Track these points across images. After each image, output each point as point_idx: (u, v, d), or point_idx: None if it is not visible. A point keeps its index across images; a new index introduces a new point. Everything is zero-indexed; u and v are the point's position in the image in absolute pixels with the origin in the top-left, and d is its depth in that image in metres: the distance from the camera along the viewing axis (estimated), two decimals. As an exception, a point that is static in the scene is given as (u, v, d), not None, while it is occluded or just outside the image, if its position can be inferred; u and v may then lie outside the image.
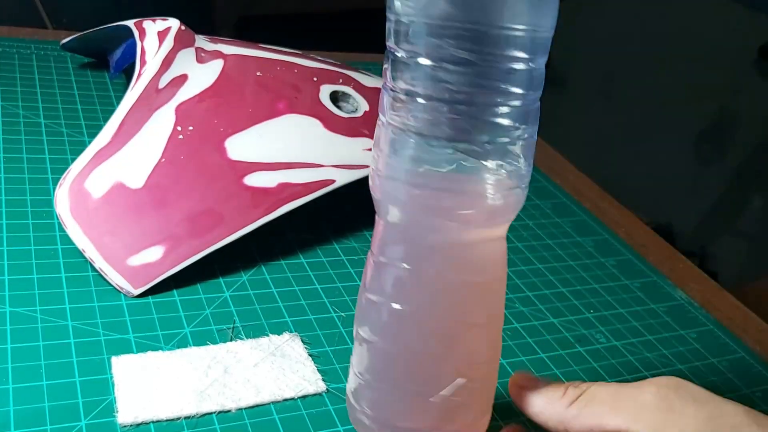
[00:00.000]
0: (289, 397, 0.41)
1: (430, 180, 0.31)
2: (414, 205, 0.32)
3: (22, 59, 0.74)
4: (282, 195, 0.52)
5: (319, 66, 0.61)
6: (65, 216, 0.48)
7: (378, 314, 0.34)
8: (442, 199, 0.31)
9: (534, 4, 0.29)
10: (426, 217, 0.32)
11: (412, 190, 0.31)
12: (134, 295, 0.47)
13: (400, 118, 0.31)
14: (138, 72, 0.54)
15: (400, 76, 0.31)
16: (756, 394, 0.49)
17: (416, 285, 0.33)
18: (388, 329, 0.34)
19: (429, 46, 0.29)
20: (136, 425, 0.38)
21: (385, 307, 0.33)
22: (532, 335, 0.50)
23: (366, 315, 0.35)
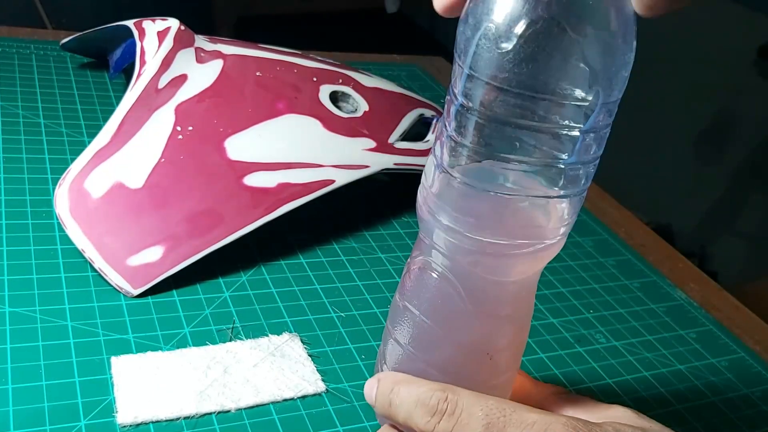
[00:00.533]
0: (289, 397, 0.41)
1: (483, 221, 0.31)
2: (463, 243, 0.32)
3: (22, 59, 0.74)
4: (282, 195, 0.52)
5: (318, 66, 0.61)
6: (65, 216, 0.48)
7: (411, 322, 0.35)
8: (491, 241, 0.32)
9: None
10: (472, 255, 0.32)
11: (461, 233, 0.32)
12: (134, 295, 0.47)
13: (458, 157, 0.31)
14: (137, 72, 0.54)
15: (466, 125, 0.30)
16: (756, 394, 0.49)
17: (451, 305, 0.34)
18: (419, 338, 0.34)
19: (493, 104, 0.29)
20: (135, 425, 0.38)
21: (418, 319, 0.34)
22: (532, 335, 0.50)
23: (399, 319, 0.35)
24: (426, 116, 0.63)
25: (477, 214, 0.31)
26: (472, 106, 0.29)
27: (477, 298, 0.33)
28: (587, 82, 0.28)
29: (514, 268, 0.33)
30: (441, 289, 0.34)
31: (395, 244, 0.58)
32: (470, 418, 0.32)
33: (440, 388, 0.33)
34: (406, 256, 0.56)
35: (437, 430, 0.32)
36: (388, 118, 0.60)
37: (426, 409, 0.33)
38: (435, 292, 0.34)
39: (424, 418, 0.33)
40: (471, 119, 0.30)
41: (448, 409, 0.32)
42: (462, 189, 0.31)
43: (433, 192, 0.32)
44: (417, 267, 0.35)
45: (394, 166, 0.57)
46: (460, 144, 0.30)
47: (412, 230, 0.60)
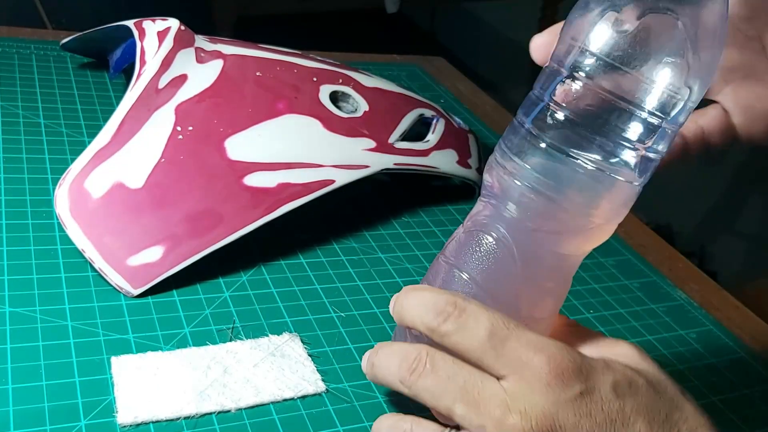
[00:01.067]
0: (289, 397, 0.41)
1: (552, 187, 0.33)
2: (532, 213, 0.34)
3: (22, 59, 0.74)
4: (282, 195, 0.52)
5: (318, 66, 0.61)
6: (65, 216, 0.48)
7: (456, 281, 0.36)
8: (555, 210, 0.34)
9: None
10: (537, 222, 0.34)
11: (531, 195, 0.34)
12: (134, 295, 0.47)
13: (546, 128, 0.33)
14: (138, 72, 0.54)
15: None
16: (755, 393, 0.49)
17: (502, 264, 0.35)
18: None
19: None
20: (135, 425, 0.38)
21: (466, 278, 0.36)
22: (531, 335, 0.50)
23: (443, 277, 0.37)
24: (426, 116, 0.63)
25: (558, 179, 0.33)
26: (580, 78, 0.32)
27: (530, 265, 0.35)
28: (684, 75, 0.31)
29: (572, 241, 0.35)
30: (497, 251, 0.35)
31: (395, 244, 0.58)
32: (476, 323, 0.33)
33: (451, 293, 0.34)
34: (406, 256, 0.56)
35: (442, 329, 0.33)
36: (388, 118, 0.60)
37: (434, 310, 0.34)
38: (490, 253, 0.35)
39: (429, 316, 0.34)
40: (574, 89, 0.32)
41: (455, 312, 0.33)
42: (548, 152, 0.33)
43: (516, 154, 0.34)
44: (472, 229, 0.36)
45: (394, 166, 0.57)
46: (557, 111, 0.33)
47: (412, 230, 0.60)
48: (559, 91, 0.33)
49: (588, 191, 0.33)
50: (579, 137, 0.32)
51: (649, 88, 0.31)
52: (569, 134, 0.32)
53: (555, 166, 0.33)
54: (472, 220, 0.37)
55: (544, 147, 0.33)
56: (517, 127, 0.35)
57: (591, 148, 0.32)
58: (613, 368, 0.34)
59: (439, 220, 0.62)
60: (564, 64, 0.33)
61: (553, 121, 0.33)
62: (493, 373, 0.33)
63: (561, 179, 0.33)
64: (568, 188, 0.33)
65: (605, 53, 0.31)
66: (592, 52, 0.31)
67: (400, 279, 0.54)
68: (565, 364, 0.32)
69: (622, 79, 0.31)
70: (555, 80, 0.33)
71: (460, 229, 0.37)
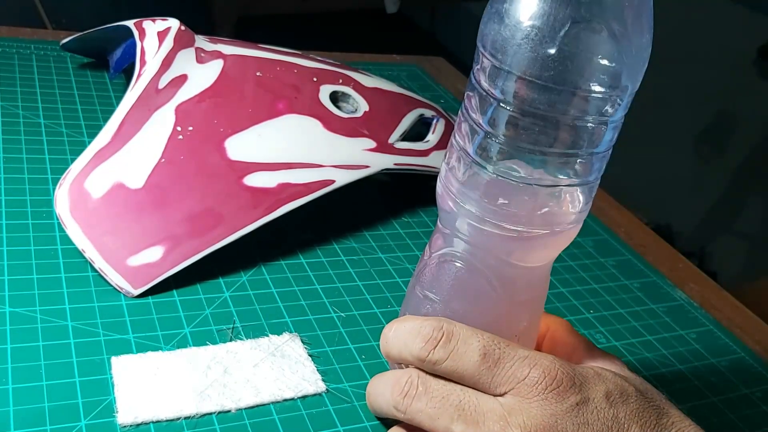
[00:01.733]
0: (289, 397, 0.41)
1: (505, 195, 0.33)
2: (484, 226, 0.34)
3: (22, 59, 0.74)
4: (282, 195, 0.52)
5: (318, 66, 0.61)
6: (65, 216, 0.48)
7: (432, 310, 0.36)
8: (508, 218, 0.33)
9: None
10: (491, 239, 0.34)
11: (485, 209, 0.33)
12: (134, 296, 0.47)
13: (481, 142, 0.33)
14: (138, 72, 0.54)
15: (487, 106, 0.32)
16: (756, 394, 0.49)
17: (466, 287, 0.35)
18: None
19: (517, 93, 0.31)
20: (135, 425, 0.38)
21: (439, 306, 0.36)
22: (531, 335, 0.50)
23: (419, 308, 0.37)
24: (426, 116, 0.63)
25: (506, 202, 0.32)
26: (507, 100, 0.31)
27: (502, 284, 0.35)
28: (619, 76, 0.30)
29: (538, 253, 0.34)
30: (465, 277, 0.35)
31: (395, 244, 0.58)
32: (466, 347, 0.33)
33: (436, 319, 0.34)
34: (406, 256, 0.56)
35: (432, 357, 0.33)
36: (388, 118, 0.60)
37: (421, 338, 0.34)
38: (459, 280, 0.35)
39: (417, 346, 0.34)
40: (504, 113, 0.31)
41: (444, 337, 0.34)
42: (492, 179, 0.32)
43: (460, 182, 0.33)
44: (438, 257, 0.36)
45: (394, 166, 0.57)
46: (489, 136, 0.32)
47: (412, 230, 0.60)
48: (495, 118, 0.32)
49: (540, 205, 0.33)
50: (523, 159, 0.32)
51: (585, 98, 0.30)
52: (513, 158, 0.32)
53: (505, 191, 0.32)
54: (437, 246, 0.36)
55: (491, 174, 0.32)
56: (459, 155, 0.34)
57: (537, 166, 0.32)
58: (604, 377, 0.34)
59: (439, 220, 0.62)
60: (494, 89, 0.31)
61: (495, 149, 0.32)
62: (489, 393, 0.33)
63: (514, 203, 0.32)
64: (520, 207, 0.33)
65: (535, 75, 0.30)
66: (521, 76, 0.30)
67: (400, 279, 0.54)
68: (560, 376, 0.33)
69: (558, 96, 0.30)
70: (489, 107, 0.32)
71: (427, 255, 0.37)
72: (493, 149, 0.32)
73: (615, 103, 0.31)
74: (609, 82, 0.30)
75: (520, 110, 0.31)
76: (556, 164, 0.32)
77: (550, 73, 0.30)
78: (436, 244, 0.36)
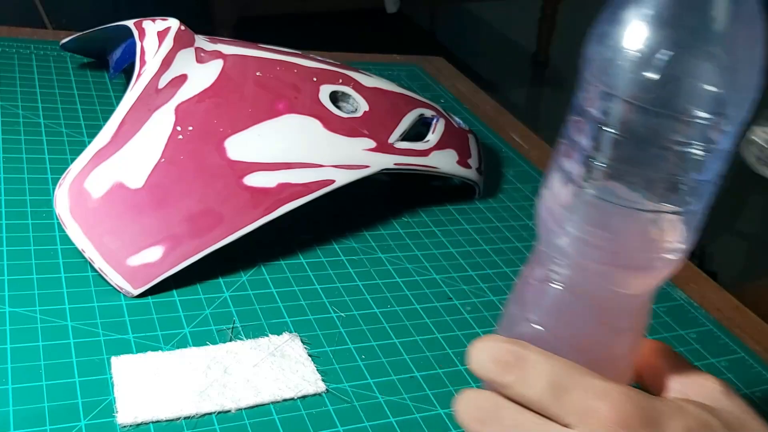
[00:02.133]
0: (289, 397, 0.41)
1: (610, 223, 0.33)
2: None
3: (22, 59, 0.74)
4: (282, 195, 0.52)
5: (318, 66, 0.61)
6: (65, 216, 0.48)
7: (531, 333, 0.36)
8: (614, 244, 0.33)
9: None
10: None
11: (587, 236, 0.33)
12: (134, 296, 0.47)
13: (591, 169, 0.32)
14: (137, 72, 0.54)
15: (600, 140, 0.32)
16: (756, 394, 0.49)
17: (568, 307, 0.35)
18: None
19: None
20: (135, 425, 0.38)
21: (539, 330, 0.35)
22: (531, 335, 0.50)
23: (515, 329, 0.36)
24: (426, 116, 0.63)
25: (608, 226, 0.32)
26: (609, 123, 0.31)
27: (601, 310, 0.34)
28: (724, 103, 0.30)
29: (639, 281, 0.34)
30: (564, 300, 0.35)
31: (395, 244, 0.58)
32: (536, 373, 0.32)
33: (512, 342, 0.34)
34: (406, 256, 0.56)
35: (503, 381, 0.33)
36: (388, 118, 0.60)
37: (494, 361, 0.33)
38: (557, 303, 0.35)
39: (490, 368, 0.33)
40: (606, 135, 0.31)
41: (515, 362, 0.33)
42: (594, 202, 0.32)
43: (561, 204, 0.33)
44: (537, 278, 0.36)
45: (394, 166, 0.57)
46: (591, 158, 0.32)
47: (412, 230, 0.60)
48: (597, 141, 0.32)
49: (642, 232, 0.32)
50: (628, 184, 0.32)
51: (689, 124, 0.30)
52: (615, 181, 0.32)
53: (608, 215, 0.32)
54: (534, 269, 0.36)
55: (593, 197, 0.32)
56: (560, 177, 0.34)
57: (641, 192, 0.32)
58: (685, 412, 0.32)
59: (439, 220, 0.62)
60: (596, 111, 0.32)
61: (597, 172, 0.32)
62: (558, 422, 0.32)
63: (616, 228, 0.32)
64: (624, 234, 0.32)
65: (638, 98, 0.30)
66: (624, 98, 0.30)
67: (400, 279, 0.54)
68: (631, 410, 0.31)
69: (661, 120, 0.30)
70: (591, 129, 0.32)
71: (523, 277, 0.37)
72: (595, 172, 0.32)
73: (720, 131, 0.31)
74: (713, 109, 0.30)
75: (622, 133, 0.31)
76: (660, 191, 0.32)
77: (652, 96, 0.30)
78: (536, 264, 0.36)
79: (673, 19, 0.29)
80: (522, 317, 0.36)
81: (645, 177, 0.31)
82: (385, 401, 0.43)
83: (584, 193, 0.32)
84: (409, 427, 0.41)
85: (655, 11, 0.29)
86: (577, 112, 0.33)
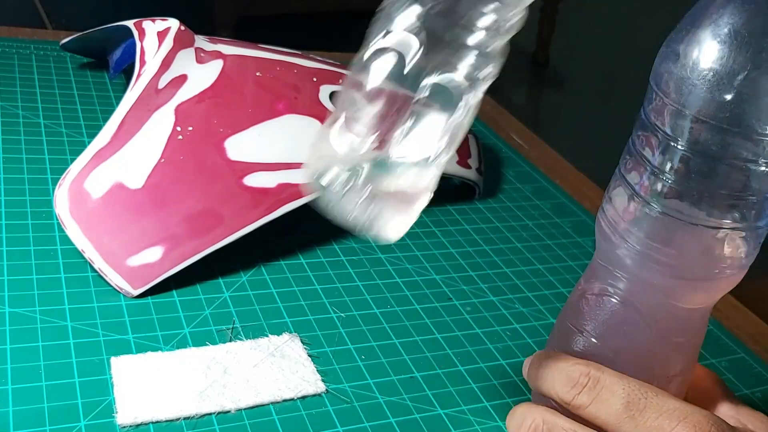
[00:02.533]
0: (289, 397, 0.41)
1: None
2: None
3: (22, 59, 0.74)
4: (282, 195, 0.52)
5: (319, 66, 0.61)
6: (65, 216, 0.48)
7: (585, 346, 0.36)
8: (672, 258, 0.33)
9: None
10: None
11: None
12: (134, 296, 0.47)
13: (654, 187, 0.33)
14: (137, 72, 0.54)
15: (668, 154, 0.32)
16: (756, 394, 0.49)
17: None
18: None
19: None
20: (135, 426, 0.38)
21: (593, 342, 0.36)
22: (532, 336, 0.50)
23: (570, 342, 0.37)
24: (426, 116, 0.63)
25: (670, 241, 0.33)
26: (678, 139, 0.31)
27: (658, 324, 0.34)
28: None
29: (697, 295, 0.34)
30: (621, 313, 0.35)
31: (395, 244, 0.58)
32: (611, 395, 0.32)
33: (585, 363, 0.34)
34: (406, 256, 0.56)
35: (576, 402, 0.33)
36: (388, 118, 0.60)
37: (568, 381, 0.33)
38: (614, 316, 0.35)
39: (564, 389, 0.33)
40: (674, 151, 0.31)
41: (589, 383, 0.33)
42: (657, 217, 0.32)
43: (623, 217, 0.34)
44: (594, 291, 0.36)
45: (394, 166, 0.57)
46: (657, 173, 0.32)
47: (412, 230, 0.59)
48: (664, 156, 0.32)
49: (704, 247, 0.33)
50: (692, 199, 0.32)
51: (759, 142, 0.30)
52: (680, 197, 0.32)
53: (671, 230, 0.33)
54: (590, 282, 0.36)
55: (656, 212, 0.33)
56: (625, 190, 0.34)
57: (705, 208, 0.32)
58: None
59: (439, 220, 0.62)
60: (665, 127, 0.32)
61: (662, 187, 0.32)
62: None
63: (678, 242, 0.33)
64: (686, 249, 0.33)
65: (710, 116, 0.30)
66: (695, 116, 0.30)
67: (400, 279, 0.54)
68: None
69: (731, 138, 0.30)
70: (659, 144, 0.32)
71: (579, 290, 0.37)
72: (661, 187, 0.32)
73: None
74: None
75: (690, 150, 0.31)
76: (724, 206, 0.32)
77: (725, 115, 0.30)
78: (593, 278, 0.36)
79: (747, 38, 0.29)
80: (577, 331, 0.36)
81: (710, 193, 0.31)
82: (385, 402, 0.43)
83: (649, 208, 0.33)
84: (409, 427, 0.41)
85: (729, 30, 0.30)
86: (645, 128, 0.33)
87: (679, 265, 0.33)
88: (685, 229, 0.32)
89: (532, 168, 0.74)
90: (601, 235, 0.36)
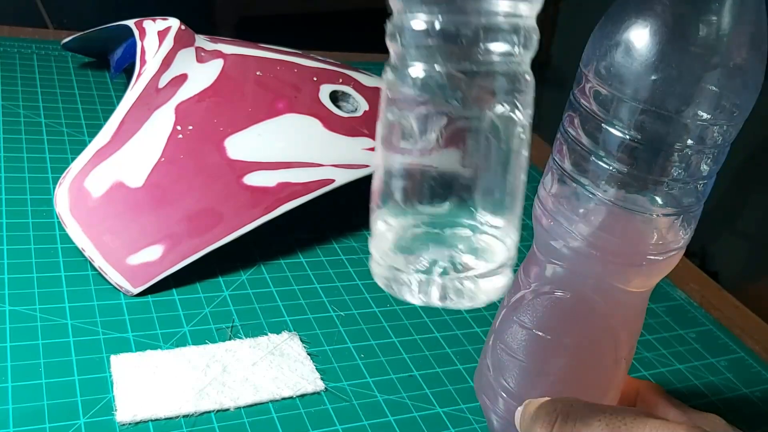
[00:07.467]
0: (288, 395, 0.42)
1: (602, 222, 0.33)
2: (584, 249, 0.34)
3: (23, 59, 0.74)
4: (281, 194, 0.52)
5: (319, 66, 0.61)
6: (65, 215, 0.48)
7: (529, 339, 0.36)
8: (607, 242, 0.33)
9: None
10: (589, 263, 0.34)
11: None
12: (133, 294, 0.47)
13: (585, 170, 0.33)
14: (138, 71, 0.54)
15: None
16: (755, 394, 0.49)
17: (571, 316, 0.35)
18: (538, 354, 0.36)
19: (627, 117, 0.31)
20: (134, 423, 0.38)
21: (536, 334, 0.36)
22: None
23: (516, 338, 0.37)
24: (426, 116, 0.63)
25: (605, 225, 0.33)
26: (609, 121, 0.31)
27: (605, 310, 0.35)
28: (728, 103, 0.30)
29: (641, 279, 0.35)
30: (565, 304, 0.35)
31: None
32: (588, 429, 0.32)
33: (550, 402, 0.34)
34: (406, 255, 0.56)
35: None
36: (387, 117, 0.60)
37: (539, 424, 0.33)
38: (558, 308, 0.35)
39: (542, 428, 0.33)
40: (609, 136, 0.31)
41: (558, 420, 0.33)
42: (594, 202, 0.33)
43: (558, 202, 0.34)
44: (535, 285, 0.36)
45: (393, 165, 0.57)
46: (589, 157, 0.32)
47: (412, 230, 0.60)
48: (597, 139, 0.32)
49: (644, 233, 0.33)
50: (627, 186, 0.32)
51: (689, 125, 0.30)
52: (619, 185, 0.32)
53: (606, 215, 0.33)
54: (533, 275, 0.36)
55: (595, 200, 0.33)
56: (558, 176, 0.34)
57: (642, 193, 0.32)
58: None
59: (438, 220, 0.62)
60: (596, 109, 0.32)
61: (596, 171, 0.32)
62: None
63: (614, 227, 0.33)
64: (623, 234, 0.33)
65: (644, 100, 0.30)
66: (634, 102, 0.30)
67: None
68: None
69: (662, 122, 0.30)
70: (589, 127, 0.32)
71: (522, 283, 0.37)
72: (594, 171, 0.32)
73: (719, 132, 0.31)
74: (716, 109, 0.30)
75: (623, 133, 0.31)
76: (659, 192, 0.32)
77: (653, 98, 0.30)
78: (532, 273, 0.36)
79: (678, 21, 0.29)
80: (520, 324, 0.36)
81: (643, 178, 0.31)
82: (383, 400, 0.43)
83: (580, 191, 0.33)
84: (407, 425, 0.41)
85: (659, 14, 0.30)
86: (572, 108, 0.33)
87: (617, 251, 0.33)
88: (620, 214, 0.32)
89: (532, 168, 0.74)
90: (536, 221, 0.36)
